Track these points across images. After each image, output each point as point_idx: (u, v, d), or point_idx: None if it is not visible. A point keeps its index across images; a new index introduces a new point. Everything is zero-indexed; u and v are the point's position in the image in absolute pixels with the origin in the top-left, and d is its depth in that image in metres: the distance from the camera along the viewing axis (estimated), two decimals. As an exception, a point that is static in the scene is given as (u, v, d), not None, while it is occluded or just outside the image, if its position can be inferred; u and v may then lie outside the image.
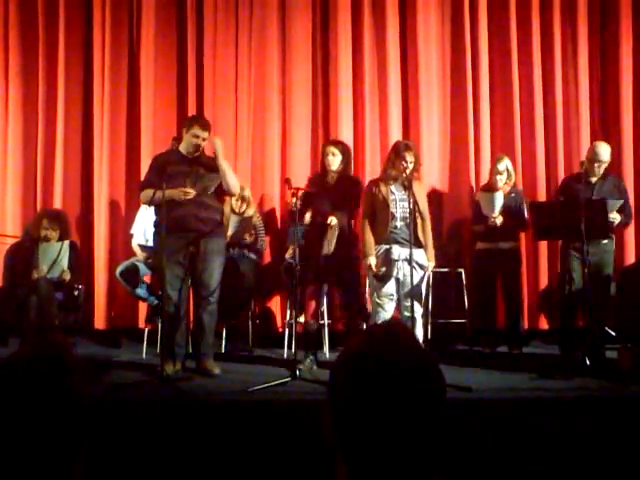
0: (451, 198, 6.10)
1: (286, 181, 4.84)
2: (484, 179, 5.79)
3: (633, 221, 5.59)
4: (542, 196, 6.00)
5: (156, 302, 5.22)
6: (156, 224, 4.66)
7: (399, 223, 4.60)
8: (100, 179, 5.95)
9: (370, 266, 4.63)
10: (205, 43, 6.05)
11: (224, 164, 4.58)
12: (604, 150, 5.14)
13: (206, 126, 4.63)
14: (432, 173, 6.06)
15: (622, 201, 5.05)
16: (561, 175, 5.95)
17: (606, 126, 6.26)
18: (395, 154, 4.68)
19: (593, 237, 4.68)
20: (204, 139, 4.58)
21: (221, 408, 3.69)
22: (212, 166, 4.59)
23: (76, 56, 6.07)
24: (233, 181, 4.62)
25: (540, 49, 6.19)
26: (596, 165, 5.10)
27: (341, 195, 4.98)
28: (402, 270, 4.58)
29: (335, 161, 5.03)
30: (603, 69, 6.31)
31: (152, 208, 4.75)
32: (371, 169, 5.91)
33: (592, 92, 6.25)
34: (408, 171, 4.57)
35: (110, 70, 5.99)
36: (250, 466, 3.00)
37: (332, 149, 5.07)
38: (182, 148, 4.63)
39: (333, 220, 4.78)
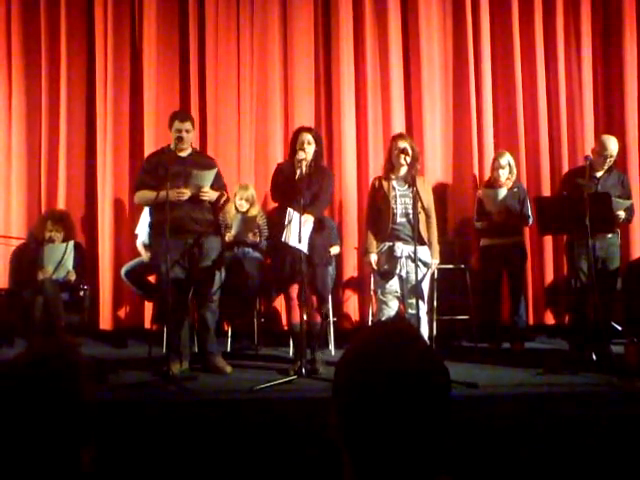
0: (454, 193, 6.08)
1: None
2: (487, 174, 5.77)
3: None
4: (546, 190, 5.98)
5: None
6: (151, 226, 4.70)
7: (401, 219, 4.56)
8: (104, 179, 5.96)
9: (371, 263, 4.62)
10: (207, 41, 6.05)
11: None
12: (613, 144, 5.09)
13: (185, 117, 4.70)
14: (435, 168, 6.06)
15: (630, 202, 5.02)
16: (565, 169, 5.91)
17: (610, 119, 6.24)
18: (391, 146, 4.67)
19: (597, 231, 4.66)
20: (187, 130, 4.61)
21: (227, 407, 3.70)
22: (205, 165, 4.62)
23: (78, 56, 6.06)
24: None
25: (543, 41, 6.17)
26: (603, 159, 5.05)
27: (318, 187, 4.57)
28: (405, 267, 4.56)
29: (309, 149, 4.53)
30: (606, 61, 6.28)
31: (147, 209, 4.76)
32: (374, 165, 5.90)
33: (596, 85, 6.23)
34: (402, 159, 4.51)
35: (113, 70, 5.99)
36: (256, 465, 3.00)
37: (307, 137, 4.56)
38: (173, 147, 4.65)
39: (309, 219, 4.38)
